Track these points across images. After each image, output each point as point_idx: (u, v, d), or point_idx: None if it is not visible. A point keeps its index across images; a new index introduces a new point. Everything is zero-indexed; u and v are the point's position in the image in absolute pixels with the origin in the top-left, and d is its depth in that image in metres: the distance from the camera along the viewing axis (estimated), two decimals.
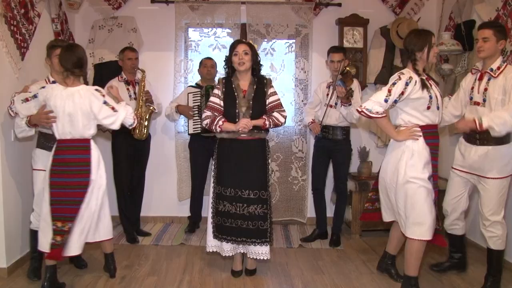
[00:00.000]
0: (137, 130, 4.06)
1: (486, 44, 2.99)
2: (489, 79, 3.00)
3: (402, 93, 2.86)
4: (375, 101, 2.88)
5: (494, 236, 3.03)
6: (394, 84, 2.86)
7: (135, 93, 4.15)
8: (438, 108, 2.98)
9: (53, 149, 2.98)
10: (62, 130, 2.92)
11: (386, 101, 2.85)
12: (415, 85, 2.87)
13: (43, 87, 3.01)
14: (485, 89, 3.00)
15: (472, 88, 3.09)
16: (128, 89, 4.15)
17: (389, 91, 2.86)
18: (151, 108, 4.15)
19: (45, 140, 3.24)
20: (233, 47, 3.27)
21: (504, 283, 3.23)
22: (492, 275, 3.10)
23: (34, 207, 3.24)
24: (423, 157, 2.92)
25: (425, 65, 3.05)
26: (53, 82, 3.18)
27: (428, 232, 2.90)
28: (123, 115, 3.03)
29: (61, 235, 2.89)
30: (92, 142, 3.01)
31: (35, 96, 3.00)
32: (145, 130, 4.12)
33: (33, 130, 3.13)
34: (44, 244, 2.91)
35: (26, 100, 3.02)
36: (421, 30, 3.11)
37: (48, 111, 2.94)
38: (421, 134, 2.94)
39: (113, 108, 2.98)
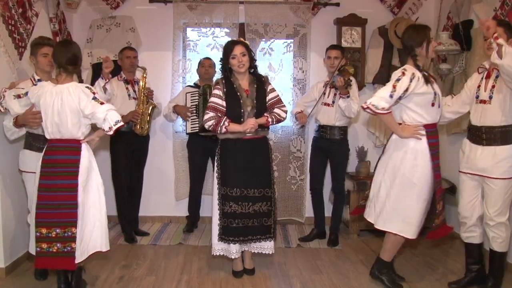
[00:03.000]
0: (139, 126, 4.07)
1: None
2: (497, 76, 2.95)
3: (407, 89, 2.85)
4: (380, 97, 2.86)
5: (498, 237, 3.00)
6: (398, 80, 2.85)
7: (134, 91, 4.15)
8: (439, 105, 2.99)
9: (44, 150, 2.87)
10: (51, 129, 2.80)
11: (391, 96, 2.84)
12: (418, 80, 2.86)
13: (34, 85, 2.94)
14: (493, 86, 2.96)
15: (479, 86, 3.05)
16: (127, 88, 4.15)
17: (394, 86, 2.84)
18: (153, 104, 4.16)
19: (34, 140, 3.15)
20: (229, 49, 3.22)
21: (505, 284, 3.23)
22: (494, 277, 3.08)
23: (29, 208, 3.16)
24: (426, 158, 2.92)
25: (425, 61, 3.06)
26: (39, 80, 3.10)
27: (415, 232, 3.01)
28: (108, 107, 2.81)
29: (48, 242, 2.74)
30: (84, 144, 2.86)
31: (27, 94, 2.88)
32: (147, 126, 4.13)
33: (23, 130, 3.08)
34: (31, 247, 2.86)
35: (18, 96, 2.91)
36: (418, 25, 3.11)
37: (35, 111, 2.83)
38: (424, 133, 2.93)
39: (102, 103, 2.80)
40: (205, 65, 4.40)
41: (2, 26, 3.26)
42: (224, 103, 3.27)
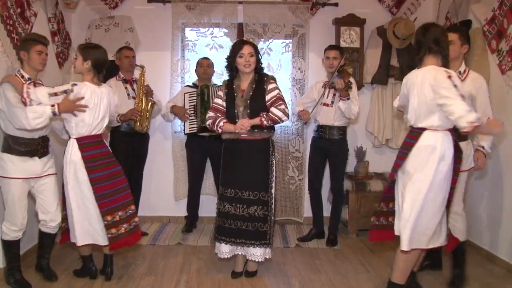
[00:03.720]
0: (138, 123, 4.07)
1: (451, 47, 2.97)
2: None
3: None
4: (471, 111, 2.53)
5: (455, 228, 3.10)
6: (455, 86, 2.59)
7: (133, 90, 4.15)
8: None
9: (75, 147, 3.00)
10: (88, 126, 3.02)
11: (469, 105, 2.67)
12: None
13: (75, 84, 2.98)
14: None
15: None
16: (126, 87, 4.15)
17: (462, 95, 2.58)
18: (152, 101, 4.16)
19: (14, 143, 2.99)
20: (238, 48, 3.21)
21: (500, 281, 3.27)
22: (457, 266, 3.20)
23: (8, 217, 3.04)
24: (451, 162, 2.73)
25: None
26: (29, 79, 3.01)
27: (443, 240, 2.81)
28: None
29: (115, 226, 3.04)
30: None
31: (65, 92, 2.93)
32: (146, 123, 4.13)
33: (51, 121, 3.05)
34: (101, 241, 3.10)
35: (55, 94, 2.93)
36: (440, 27, 2.90)
37: (76, 98, 2.95)
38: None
39: None
40: (203, 65, 4.39)
41: (0, 26, 3.25)
42: (224, 104, 3.30)
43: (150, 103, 4.16)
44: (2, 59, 3.29)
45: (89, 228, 3.07)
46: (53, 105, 2.87)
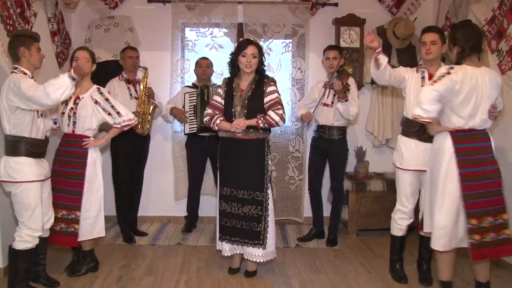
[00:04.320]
0: (140, 125, 4.07)
1: (434, 47, 3.08)
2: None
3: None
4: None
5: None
6: None
7: (136, 91, 4.16)
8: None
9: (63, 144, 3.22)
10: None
11: None
12: None
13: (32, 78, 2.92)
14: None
15: (422, 86, 3.07)
16: (128, 88, 4.15)
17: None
18: (154, 103, 4.16)
19: (31, 145, 2.91)
20: (242, 47, 3.22)
21: (503, 284, 3.24)
22: (427, 260, 3.28)
23: (29, 224, 2.91)
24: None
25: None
26: (32, 77, 2.93)
27: (444, 244, 2.78)
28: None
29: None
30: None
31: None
32: (148, 126, 4.14)
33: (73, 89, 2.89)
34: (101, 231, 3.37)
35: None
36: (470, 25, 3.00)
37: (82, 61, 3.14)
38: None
39: None
40: (202, 65, 4.39)
41: (0, 26, 3.25)
42: (222, 102, 3.31)
43: (152, 106, 4.16)
44: (2, 59, 3.29)
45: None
46: (68, 71, 2.82)
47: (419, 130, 3.13)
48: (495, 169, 2.73)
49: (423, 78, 3.16)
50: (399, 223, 3.27)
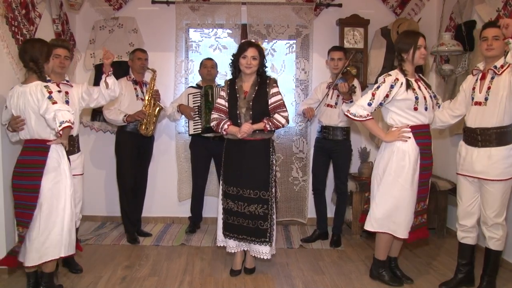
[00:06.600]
0: (144, 126, 4.08)
1: (496, 42, 2.92)
2: (492, 78, 2.95)
3: (387, 96, 3.02)
4: (358, 105, 3.07)
5: (494, 237, 3.01)
6: (378, 87, 3.03)
7: (142, 92, 4.17)
8: (426, 109, 3.06)
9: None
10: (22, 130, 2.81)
11: (369, 104, 3.04)
12: (400, 86, 3.00)
13: (12, 88, 2.86)
14: (489, 88, 2.95)
15: (474, 88, 3.04)
16: (135, 89, 4.17)
17: (373, 95, 3.03)
18: (160, 106, 4.18)
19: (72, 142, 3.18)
20: (243, 49, 3.25)
21: (504, 282, 3.24)
22: (488, 275, 3.09)
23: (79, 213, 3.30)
24: (412, 158, 3.03)
25: (412, 66, 3.11)
26: (48, 81, 2.92)
27: (404, 231, 3.09)
28: (57, 107, 2.67)
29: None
30: (53, 146, 2.80)
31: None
32: (152, 127, 4.15)
33: (16, 135, 2.90)
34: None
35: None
36: (410, 31, 3.24)
37: (16, 116, 2.80)
38: (410, 135, 3.04)
39: (54, 103, 2.68)
40: (207, 66, 4.40)
41: (5, 28, 3.27)
42: (226, 104, 3.33)
43: (157, 108, 4.17)
44: (6, 60, 3.31)
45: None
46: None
47: None
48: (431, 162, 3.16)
49: (476, 80, 3.06)
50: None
